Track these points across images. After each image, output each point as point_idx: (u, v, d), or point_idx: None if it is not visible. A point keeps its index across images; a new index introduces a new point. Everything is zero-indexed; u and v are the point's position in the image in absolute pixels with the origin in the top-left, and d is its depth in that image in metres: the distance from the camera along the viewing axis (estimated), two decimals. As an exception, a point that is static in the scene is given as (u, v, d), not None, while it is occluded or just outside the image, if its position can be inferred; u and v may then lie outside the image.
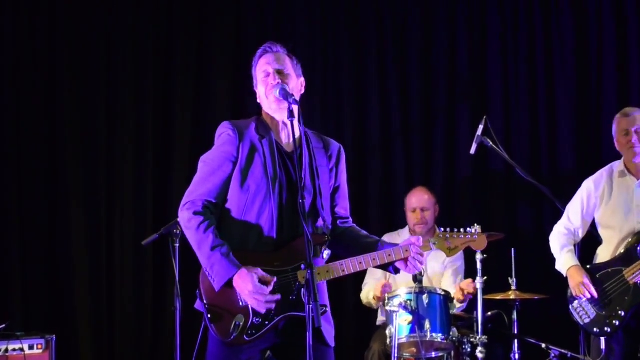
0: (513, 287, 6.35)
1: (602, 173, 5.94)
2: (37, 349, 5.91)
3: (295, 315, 3.83)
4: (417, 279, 5.88)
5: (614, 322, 5.62)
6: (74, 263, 6.81)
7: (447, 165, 7.57)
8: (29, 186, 6.78)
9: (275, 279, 3.81)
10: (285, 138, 4.07)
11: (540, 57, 7.57)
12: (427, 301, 5.88)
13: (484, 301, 6.08)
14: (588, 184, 5.95)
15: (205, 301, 3.88)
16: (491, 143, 6.47)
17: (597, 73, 7.51)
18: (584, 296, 5.69)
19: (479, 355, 6.00)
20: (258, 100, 4.14)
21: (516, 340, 6.36)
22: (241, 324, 3.82)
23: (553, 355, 6.15)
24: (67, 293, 6.80)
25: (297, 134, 4.02)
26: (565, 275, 5.85)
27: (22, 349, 5.85)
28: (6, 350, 5.79)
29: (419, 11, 7.66)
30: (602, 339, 5.70)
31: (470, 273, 6.32)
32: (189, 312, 5.36)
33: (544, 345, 6.17)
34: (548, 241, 6.08)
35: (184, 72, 7.20)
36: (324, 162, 4.11)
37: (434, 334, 5.84)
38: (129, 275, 6.95)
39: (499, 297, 6.34)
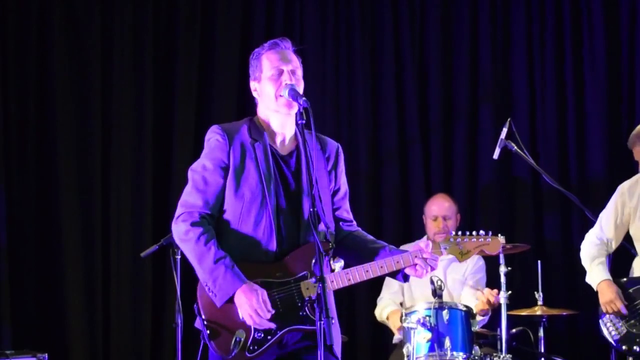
0: (539, 302, 6.34)
1: (638, 179, 5.94)
2: (29, 368, 5.93)
3: (300, 328, 3.87)
4: (437, 293, 5.87)
5: None
6: (67, 276, 6.81)
7: (468, 172, 7.57)
8: (18, 192, 6.78)
9: (273, 311, 3.83)
10: (281, 141, 4.09)
11: (569, 54, 7.55)
12: (447, 317, 5.86)
13: (509, 317, 6.07)
14: (622, 190, 5.94)
15: (203, 316, 3.91)
16: (516, 147, 6.47)
17: (630, 72, 7.50)
18: (615, 315, 5.69)
19: (503, 375, 6.01)
20: (255, 95, 4.15)
21: (542, 360, 6.37)
22: (242, 339, 3.85)
23: (581, 375, 6.17)
24: (60, 308, 6.80)
25: (292, 133, 4.05)
26: (595, 290, 5.85)
27: (11, 369, 5.87)
28: (-5, 370, 5.82)
29: (438, 5, 7.67)
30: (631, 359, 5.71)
31: (493, 287, 6.31)
32: (190, 329, 5.39)
33: (572, 365, 6.19)
34: (577, 253, 6.08)
35: (186, 68, 7.19)
36: (322, 164, 4.12)
37: (454, 353, 5.82)
38: (126, 289, 6.95)
39: (524, 313, 6.35)
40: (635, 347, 5.64)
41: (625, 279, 5.82)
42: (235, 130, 4.05)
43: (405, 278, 4.08)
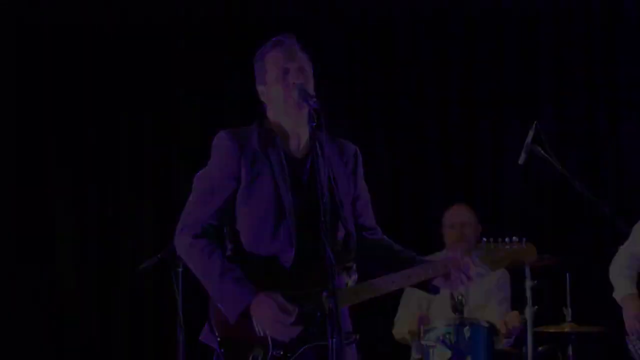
0: (568, 319, 6.33)
1: None
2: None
3: (321, 344, 3.80)
4: (458, 309, 5.88)
5: None
6: (61, 290, 6.84)
7: (492, 178, 7.57)
8: (8, 197, 6.81)
9: (297, 308, 3.81)
10: (295, 144, 4.05)
11: (600, 49, 7.55)
12: (468, 334, 5.87)
13: (535, 334, 6.07)
14: None
15: (217, 334, 3.87)
16: (543, 152, 6.47)
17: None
18: (636, 332, 5.69)
19: (529, 397, 6.01)
20: (263, 99, 4.09)
21: (572, 380, 6.37)
22: (260, 357, 3.84)
23: (614, 396, 6.17)
24: (54, 323, 6.83)
25: (307, 135, 3.99)
26: (620, 305, 5.85)
27: (2, 389, 5.91)
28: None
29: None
30: None
31: (519, 301, 6.32)
32: (193, 346, 5.42)
33: (603, 385, 6.19)
34: (609, 266, 6.07)
35: (188, 68, 7.23)
36: (341, 169, 4.09)
37: (476, 373, 5.85)
38: (124, 303, 6.98)
39: (551, 329, 6.34)
40: None
41: None
42: (246, 136, 3.99)
43: (436, 290, 4.06)
